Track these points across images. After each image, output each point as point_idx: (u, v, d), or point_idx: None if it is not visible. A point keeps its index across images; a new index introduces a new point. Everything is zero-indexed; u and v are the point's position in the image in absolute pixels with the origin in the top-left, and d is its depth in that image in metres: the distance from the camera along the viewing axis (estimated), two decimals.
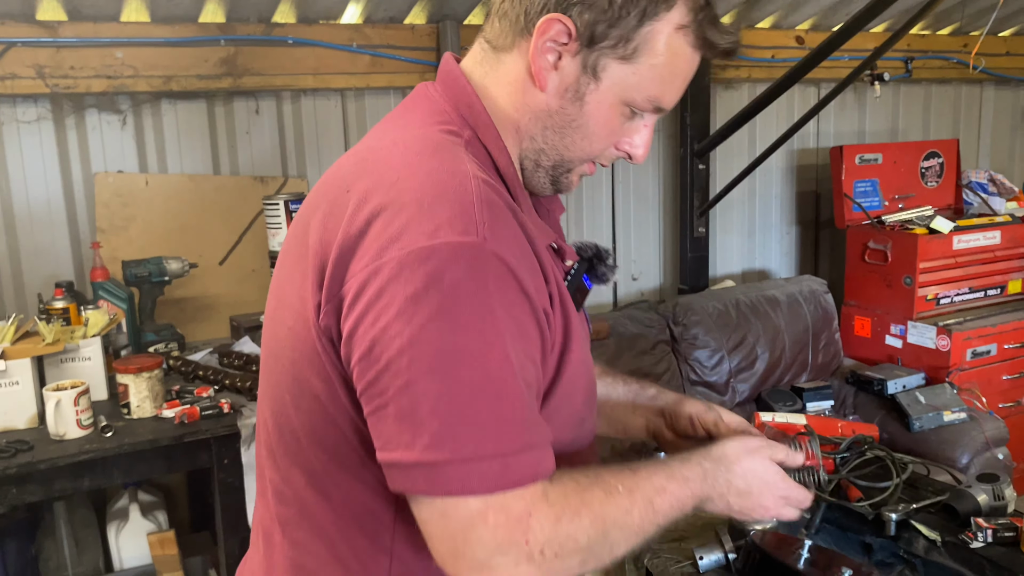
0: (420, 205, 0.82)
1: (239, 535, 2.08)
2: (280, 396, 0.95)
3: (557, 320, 0.91)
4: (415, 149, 0.90)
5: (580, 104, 0.94)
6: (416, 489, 0.81)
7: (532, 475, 0.82)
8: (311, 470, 0.94)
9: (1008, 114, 4.70)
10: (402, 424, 0.80)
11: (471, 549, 0.81)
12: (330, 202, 0.89)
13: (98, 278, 2.45)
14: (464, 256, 0.80)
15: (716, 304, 3.37)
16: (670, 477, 0.95)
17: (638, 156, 1.01)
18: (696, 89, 3.54)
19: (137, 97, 2.74)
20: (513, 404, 0.82)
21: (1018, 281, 3.63)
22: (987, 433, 2.96)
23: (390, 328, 0.79)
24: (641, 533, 0.91)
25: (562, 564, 0.84)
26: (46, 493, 1.90)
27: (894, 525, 1.56)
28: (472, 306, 0.80)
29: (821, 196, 4.17)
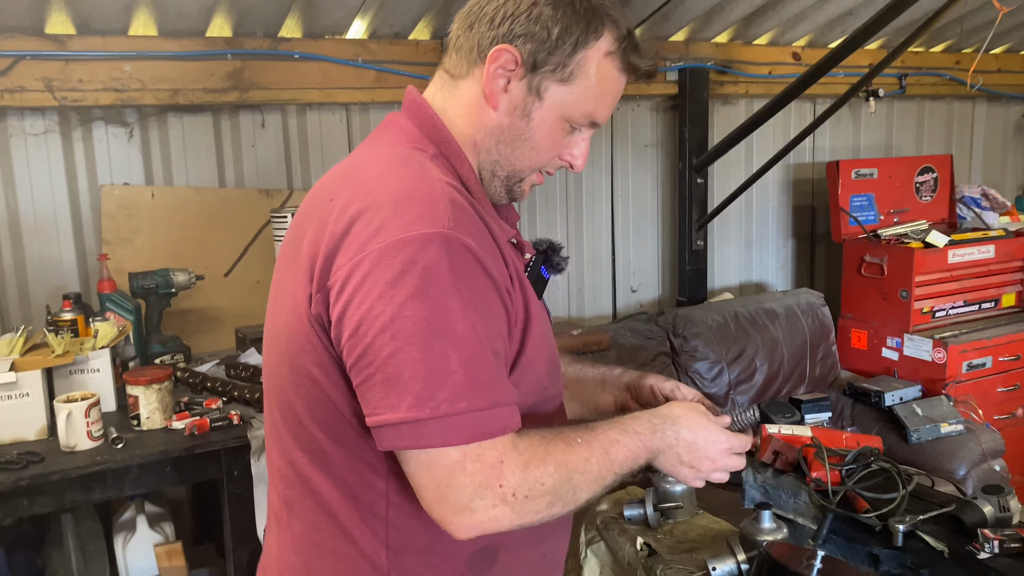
0: (394, 206, 0.97)
1: (248, 547, 2.09)
2: (282, 386, 1.08)
3: (518, 300, 1.06)
4: (387, 161, 1.06)
5: (527, 120, 1.10)
6: (403, 444, 0.94)
7: (502, 428, 0.96)
8: (312, 450, 1.06)
9: (1000, 130, 4.77)
10: (388, 389, 0.93)
11: (453, 494, 0.94)
12: (317, 211, 1.04)
13: (105, 290, 2.46)
14: (433, 244, 0.94)
15: (716, 316, 3.40)
16: (623, 431, 1.08)
17: (578, 165, 1.18)
18: (695, 104, 3.59)
19: (144, 110, 2.76)
20: (482, 367, 0.95)
21: (1012, 295, 3.68)
22: (984, 445, 3.00)
23: (374, 308, 0.92)
24: (600, 480, 1.04)
25: (532, 505, 0.97)
26: (57, 504, 1.90)
27: (901, 536, 1.58)
28: (442, 286, 0.93)
29: (817, 210, 4.22)
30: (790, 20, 3.58)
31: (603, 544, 1.72)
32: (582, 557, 1.76)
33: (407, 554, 1.06)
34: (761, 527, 1.51)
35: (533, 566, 1.20)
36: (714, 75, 3.64)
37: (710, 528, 1.66)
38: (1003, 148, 4.81)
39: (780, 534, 1.50)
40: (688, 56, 3.57)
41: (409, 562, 1.07)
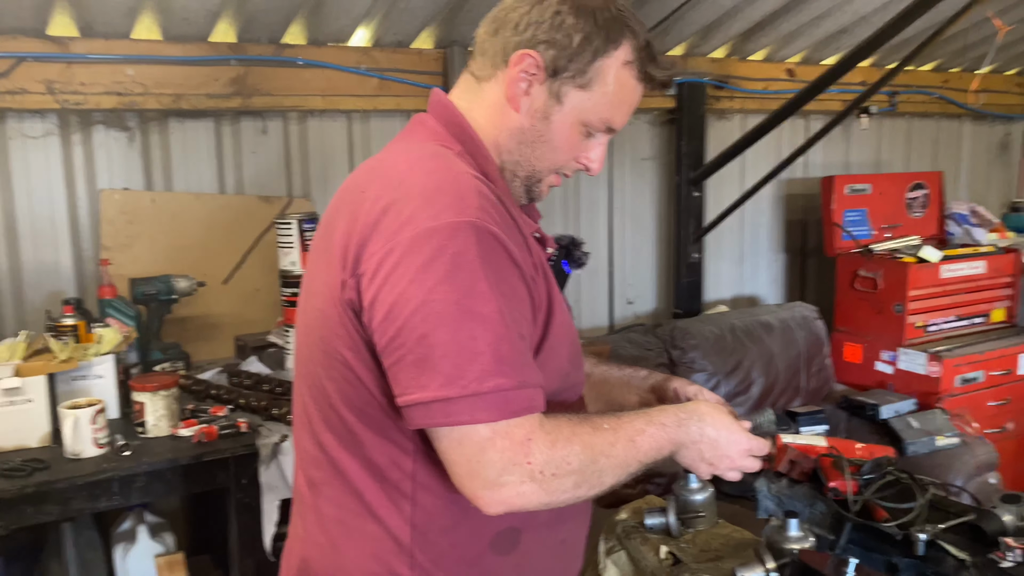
0: (424, 196, 1.01)
1: (255, 557, 2.06)
2: (314, 371, 1.12)
3: (542, 288, 1.10)
4: (416, 156, 1.11)
5: (547, 123, 1.16)
6: (434, 422, 0.97)
7: (528, 407, 0.99)
8: (341, 432, 1.10)
9: (985, 148, 4.85)
10: (419, 369, 0.97)
11: (484, 469, 0.97)
12: (349, 204, 1.09)
13: (106, 295, 2.42)
14: (462, 232, 0.98)
15: (712, 328, 3.41)
16: (649, 422, 1.13)
17: (594, 168, 1.23)
18: (692, 119, 3.62)
19: (145, 114, 2.73)
20: (509, 348, 0.98)
21: (1001, 310, 3.74)
22: (978, 458, 3.03)
23: (405, 292, 0.97)
24: (624, 465, 1.07)
25: (559, 483, 1.00)
26: (63, 513, 1.86)
27: (922, 545, 1.59)
28: (471, 271, 0.97)
29: (808, 225, 4.26)
30: (786, 37, 3.63)
31: (624, 553, 1.71)
32: (601, 567, 1.75)
33: (432, 532, 1.09)
34: (789, 535, 1.50)
35: (554, 550, 1.22)
36: (711, 90, 3.68)
37: (732, 537, 1.66)
38: (988, 166, 4.90)
39: (808, 542, 1.50)
40: (686, 70, 3.60)
41: (433, 540, 1.09)
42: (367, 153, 3.11)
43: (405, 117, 3.15)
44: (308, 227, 2.46)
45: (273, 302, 2.92)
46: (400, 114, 3.13)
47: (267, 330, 2.81)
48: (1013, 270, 3.72)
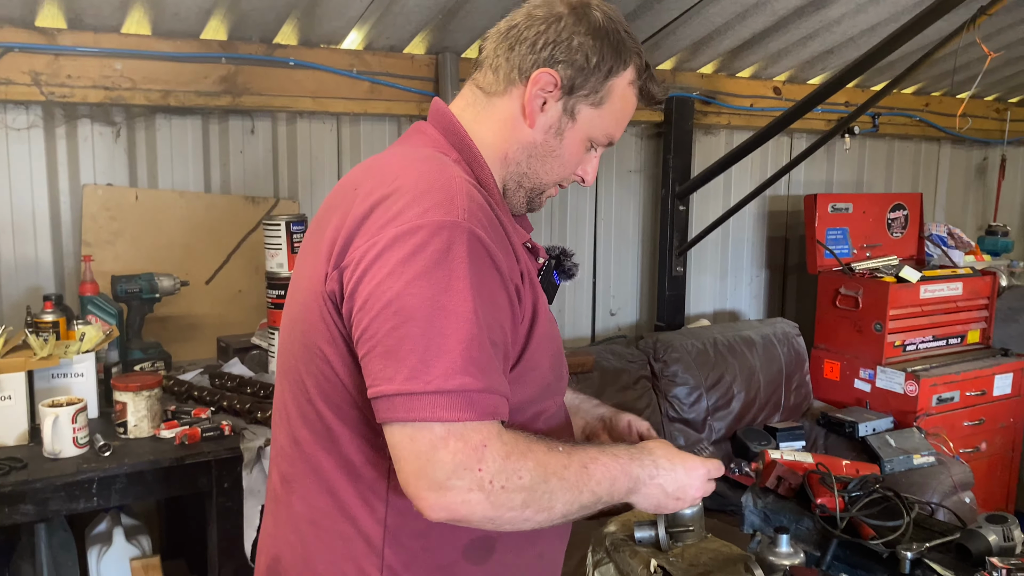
0: (413, 195, 1.02)
1: (235, 562, 2.03)
2: (295, 366, 1.12)
3: (527, 299, 1.10)
4: (411, 157, 1.13)
5: (560, 138, 1.20)
6: (395, 415, 0.95)
7: (491, 413, 0.97)
8: (318, 428, 1.10)
9: (962, 172, 4.93)
10: (387, 361, 0.96)
11: (432, 469, 0.94)
12: (342, 201, 1.10)
13: (88, 292, 2.38)
14: (446, 231, 0.99)
15: (695, 342, 3.43)
16: (602, 451, 1.12)
17: (589, 180, 1.29)
18: (679, 133, 3.64)
19: (132, 110, 2.69)
20: (478, 351, 0.97)
21: (976, 331, 3.79)
22: (954, 477, 3.07)
23: (382, 284, 0.97)
24: (576, 491, 1.04)
25: (507, 498, 0.97)
26: (40, 514, 1.82)
27: (909, 563, 1.60)
28: (450, 269, 0.97)
29: (790, 242, 4.30)
30: (774, 55, 3.66)
31: (612, 566, 1.70)
32: None
33: (404, 536, 1.08)
34: (779, 551, 1.51)
35: (530, 564, 1.21)
36: (698, 105, 3.70)
37: (720, 552, 1.65)
38: (965, 190, 4.98)
39: (798, 558, 1.50)
40: (674, 85, 3.62)
41: (406, 544, 1.08)
42: (356, 156, 3.09)
43: (395, 122, 3.14)
44: (296, 229, 2.43)
45: (256, 304, 2.90)
46: (390, 119, 3.12)
47: (249, 332, 2.77)
48: (989, 292, 3.78)
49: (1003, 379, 3.62)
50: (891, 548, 1.63)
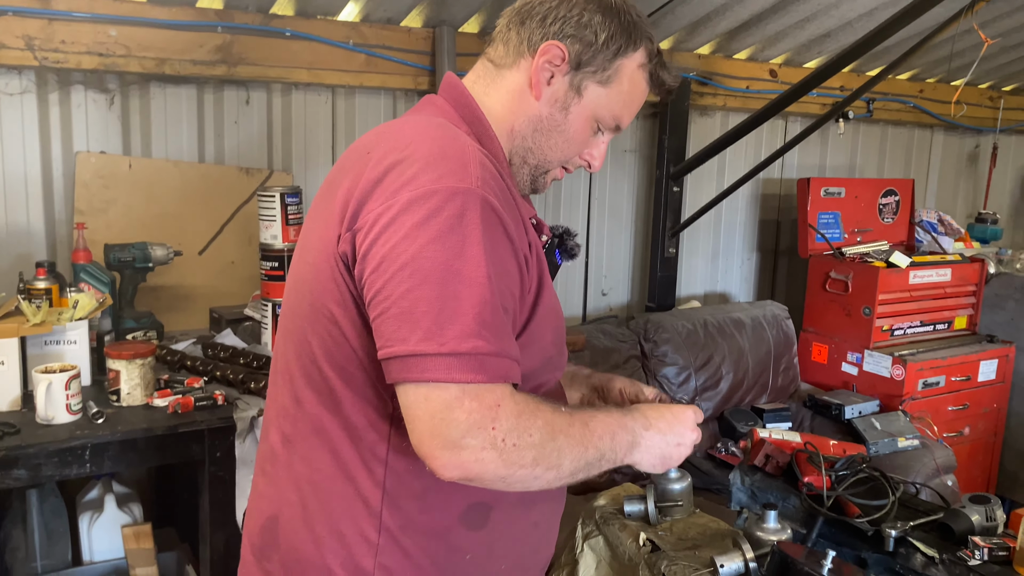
0: (427, 160, 1.03)
1: (226, 531, 2.04)
2: (300, 326, 1.13)
3: (533, 269, 1.12)
4: (424, 125, 1.13)
5: (565, 113, 1.20)
6: (408, 376, 0.97)
7: (503, 375, 0.99)
8: (322, 389, 1.11)
9: (954, 159, 4.96)
10: (401, 322, 0.97)
11: (447, 428, 0.96)
12: (354, 164, 1.10)
13: (81, 260, 2.36)
14: (460, 197, 1.00)
15: (685, 323, 3.45)
16: (597, 409, 1.16)
17: (595, 165, 1.28)
18: (675, 113, 3.64)
19: (126, 78, 2.67)
20: (491, 315, 0.99)
21: (964, 318, 3.83)
22: (937, 460, 3.11)
23: (397, 247, 0.98)
24: (582, 446, 1.07)
25: (519, 455, 0.99)
26: (32, 479, 1.82)
27: (892, 541, 1.63)
28: (464, 235, 0.99)
29: (782, 225, 4.32)
30: (771, 38, 3.66)
31: (601, 538, 1.73)
32: (578, 551, 1.76)
33: (402, 498, 1.10)
34: (766, 527, 1.53)
35: (526, 532, 1.23)
36: (695, 86, 3.70)
37: (708, 527, 1.68)
38: (956, 177, 5.01)
39: (785, 534, 1.52)
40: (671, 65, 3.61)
41: (403, 506, 1.10)
42: (350, 130, 3.08)
43: (390, 95, 3.13)
44: (291, 201, 2.43)
45: (248, 275, 2.89)
46: (385, 92, 3.10)
47: (242, 303, 2.77)
48: (977, 279, 3.82)
49: (988, 365, 3.66)
50: (876, 526, 1.65)
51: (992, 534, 1.61)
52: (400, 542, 1.10)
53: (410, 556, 1.11)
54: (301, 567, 1.13)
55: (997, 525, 1.62)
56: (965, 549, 1.56)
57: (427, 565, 1.11)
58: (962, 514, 1.63)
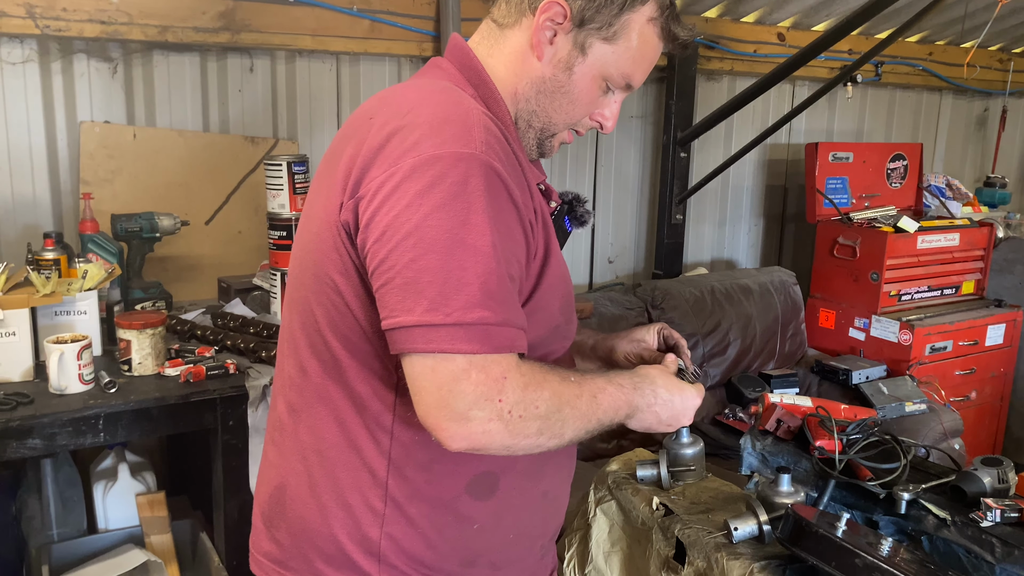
0: (430, 125, 1.01)
1: (240, 499, 2.05)
2: (305, 296, 1.12)
3: (540, 236, 1.10)
4: (428, 89, 1.11)
5: (569, 73, 1.15)
6: (414, 347, 0.96)
7: (509, 345, 0.98)
8: (327, 359, 1.10)
9: (963, 123, 4.91)
10: (406, 292, 0.96)
11: (454, 400, 0.95)
12: (357, 129, 1.08)
13: (88, 230, 2.35)
14: (464, 163, 0.98)
15: (693, 290, 3.44)
16: (609, 382, 1.14)
17: (608, 126, 1.23)
18: (682, 78, 3.60)
19: (129, 46, 2.64)
20: (497, 284, 0.98)
21: (971, 282, 3.82)
22: (944, 425, 3.12)
23: (401, 216, 0.97)
24: (585, 420, 1.07)
25: (524, 426, 0.99)
26: (47, 448, 1.83)
27: (905, 504, 1.64)
28: (468, 202, 0.97)
29: (789, 191, 4.29)
30: (778, 1, 3.61)
31: (614, 503, 1.74)
32: (591, 516, 1.78)
33: (408, 468, 1.10)
34: (780, 490, 1.54)
35: (535, 503, 1.23)
36: (702, 50, 3.66)
37: (721, 491, 1.69)
38: (964, 141, 4.97)
39: (799, 497, 1.53)
40: None
41: (409, 476, 1.10)
42: (355, 97, 3.05)
43: (395, 62, 3.10)
44: (298, 169, 2.41)
45: (256, 245, 2.88)
46: (390, 59, 3.07)
47: (250, 273, 2.77)
48: (985, 244, 3.80)
49: (995, 330, 3.66)
50: (888, 489, 1.66)
51: (1004, 496, 1.62)
52: (406, 512, 1.10)
53: (416, 526, 1.11)
54: (308, 536, 1.14)
55: (1009, 487, 1.63)
56: (977, 511, 1.56)
57: (433, 535, 1.12)
58: (974, 476, 1.64)
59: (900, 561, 1.28)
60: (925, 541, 1.62)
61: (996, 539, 1.51)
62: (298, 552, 1.15)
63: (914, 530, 1.63)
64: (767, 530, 1.46)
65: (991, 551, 1.50)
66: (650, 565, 1.60)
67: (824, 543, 1.31)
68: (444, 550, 1.12)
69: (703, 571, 1.48)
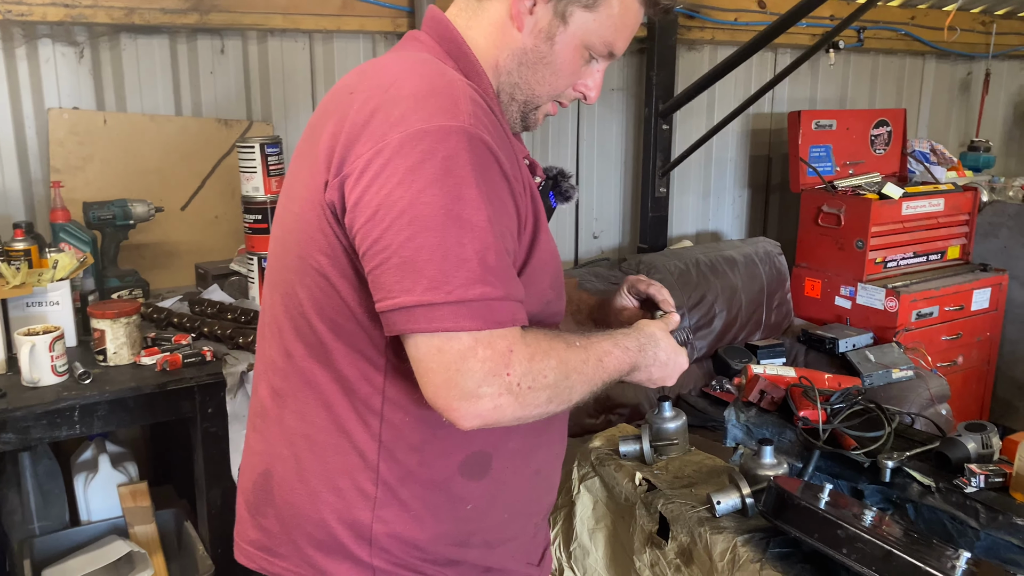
0: (415, 99, 0.98)
1: (222, 486, 2.03)
2: (288, 278, 1.10)
3: (529, 208, 1.08)
4: (409, 61, 1.08)
5: (550, 44, 1.12)
6: (417, 327, 0.94)
7: (512, 319, 0.97)
8: (312, 342, 1.08)
9: (946, 87, 4.88)
10: (403, 272, 0.94)
11: (463, 379, 0.94)
12: (337, 106, 1.05)
13: (59, 219, 2.31)
14: (453, 136, 0.96)
15: (677, 263, 3.42)
16: (615, 344, 1.14)
17: (591, 96, 1.21)
18: (663, 48, 3.56)
19: (94, 29, 2.58)
20: (495, 258, 0.96)
21: (956, 247, 3.81)
22: (931, 390, 3.12)
23: (392, 194, 0.94)
24: (591, 383, 1.08)
25: (534, 397, 0.99)
26: (22, 442, 1.80)
27: (889, 472, 1.63)
28: (461, 176, 0.95)
29: (773, 160, 4.26)
30: None
31: (598, 480, 1.73)
32: (575, 493, 1.76)
33: (399, 450, 1.08)
34: (763, 462, 1.53)
35: (528, 480, 1.21)
36: (682, 19, 3.61)
37: (704, 464, 1.68)
38: (948, 105, 4.94)
39: (781, 469, 1.52)
40: None
41: (401, 459, 1.08)
42: (329, 76, 3.00)
43: (369, 39, 3.04)
44: (271, 151, 2.37)
45: (233, 230, 2.84)
46: (364, 36, 3.02)
47: (228, 258, 2.73)
48: (970, 208, 3.79)
49: (981, 294, 3.66)
50: (872, 458, 1.66)
51: (988, 461, 1.62)
52: (398, 494, 1.08)
53: (409, 508, 1.09)
54: (297, 521, 1.12)
55: (993, 452, 1.63)
56: (962, 477, 1.56)
57: (427, 517, 1.10)
58: (958, 442, 1.63)
59: (883, 531, 1.27)
60: (910, 509, 1.61)
61: (980, 505, 1.51)
62: (287, 538, 1.13)
63: (899, 498, 1.62)
64: (750, 503, 1.45)
65: (975, 517, 1.50)
66: (634, 541, 1.59)
67: (806, 515, 1.30)
68: (437, 532, 1.11)
69: (687, 546, 1.47)
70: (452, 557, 1.12)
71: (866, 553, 1.21)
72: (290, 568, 1.12)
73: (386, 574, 1.09)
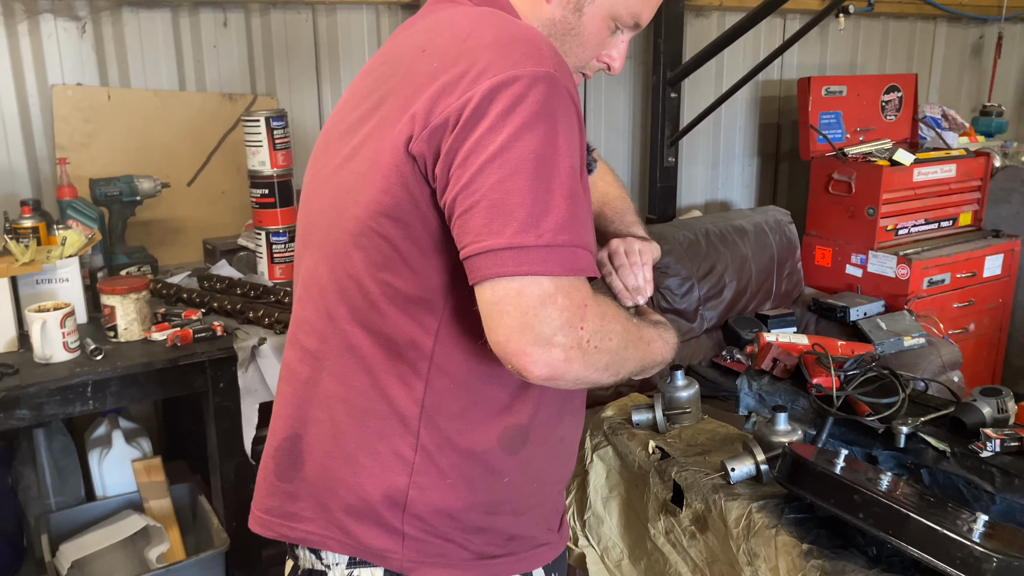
0: (498, 46, 0.98)
1: (235, 460, 2.04)
2: (339, 238, 1.06)
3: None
4: (476, 13, 1.06)
5: (579, 15, 1.13)
6: (504, 271, 0.92)
7: (590, 268, 0.96)
8: (360, 305, 1.05)
9: (958, 51, 4.81)
10: (493, 214, 0.92)
11: (540, 324, 0.92)
12: (406, 62, 1.04)
13: (66, 196, 2.30)
14: (541, 82, 0.95)
15: (687, 233, 3.40)
16: (659, 335, 1.16)
17: (616, 67, 1.21)
18: (670, 15, 3.51)
19: (96, 3, 2.56)
20: (580, 206, 0.96)
21: (968, 214, 3.78)
22: (944, 357, 3.10)
23: (483, 139, 0.93)
24: (639, 363, 1.08)
25: (597, 359, 0.97)
26: (36, 418, 1.81)
27: (904, 438, 1.62)
28: (550, 122, 0.94)
29: (782, 128, 4.22)
30: None
31: (611, 449, 1.72)
32: (588, 462, 1.76)
33: (441, 417, 1.07)
34: (777, 429, 1.52)
35: (554, 448, 1.21)
36: None
37: (717, 432, 1.67)
38: (959, 70, 4.87)
39: (796, 435, 1.52)
40: None
41: (441, 425, 1.07)
42: (333, 49, 2.97)
43: (372, 10, 3.01)
44: (277, 124, 2.35)
45: (240, 205, 2.83)
46: (368, 7, 2.98)
47: (235, 233, 2.73)
48: (982, 174, 3.75)
49: (993, 260, 3.63)
50: (887, 423, 1.65)
51: (1003, 426, 1.60)
52: (436, 461, 1.07)
53: (446, 476, 1.08)
54: (328, 484, 1.11)
55: (1009, 416, 1.61)
56: (977, 442, 1.55)
57: (462, 486, 1.09)
58: (973, 407, 1.62)
59: (899, 495, 1.27)
60: (925, 474, 1.61)
61: (996, 469, 1.50)
62: (314, 502, 1.12)
63: (914, 463, 1.62)
64: (764, 469, 1.45)
65: (991, 481, 1.49)
66: (648, 509, 1.59)
67: (822, 480, 1.29)
68: (472, 502, 1.10)
69: (701, 513, 1.47)
70: (481, 525, 1.11)
71: (883, 517, 1.20)
72: (315, 531, 1.11)
73: (415, 540, 1.08)
